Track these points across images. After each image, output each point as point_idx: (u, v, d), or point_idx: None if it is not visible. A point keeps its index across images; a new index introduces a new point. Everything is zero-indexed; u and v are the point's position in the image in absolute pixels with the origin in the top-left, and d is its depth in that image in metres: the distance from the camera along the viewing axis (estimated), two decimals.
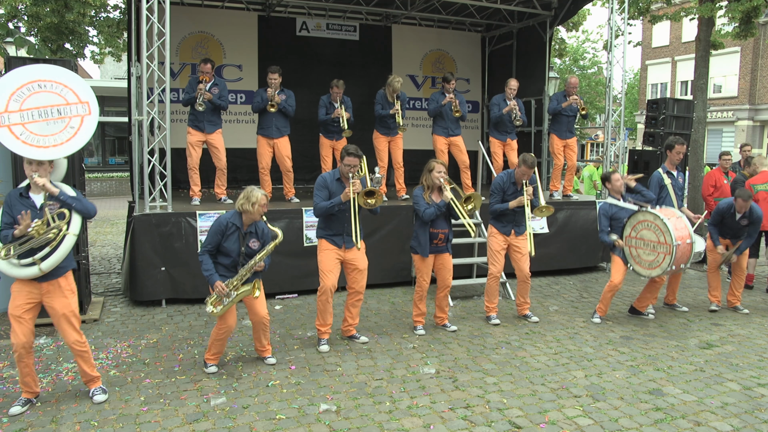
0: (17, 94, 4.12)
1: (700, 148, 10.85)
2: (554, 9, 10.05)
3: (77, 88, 4.33)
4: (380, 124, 8.02)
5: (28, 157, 4.03)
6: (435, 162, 5.56)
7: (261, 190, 4.62)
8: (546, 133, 10.41)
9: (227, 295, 4.49)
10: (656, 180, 6.55)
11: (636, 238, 5.94)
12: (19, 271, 3.92)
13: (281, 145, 7.68)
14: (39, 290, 4.01)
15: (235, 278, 4.52)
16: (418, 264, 5.63)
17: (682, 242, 5.69)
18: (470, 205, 5.46)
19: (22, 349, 3.95)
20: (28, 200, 4.00)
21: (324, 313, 5.26)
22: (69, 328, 4.07)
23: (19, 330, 3.93)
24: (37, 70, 4.25)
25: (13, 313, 3.94)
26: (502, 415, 4.02)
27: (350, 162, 5.09)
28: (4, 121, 4.00)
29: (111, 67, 33.02)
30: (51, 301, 4.02)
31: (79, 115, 4.30)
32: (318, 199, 5.10)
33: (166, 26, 6.52)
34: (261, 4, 10.24)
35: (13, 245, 3.90)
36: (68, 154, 4.29)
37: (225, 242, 4.53)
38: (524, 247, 6.02)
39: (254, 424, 3.85)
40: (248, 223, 4.60)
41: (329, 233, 5.20)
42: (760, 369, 4.90)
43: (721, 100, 27.36)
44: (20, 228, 3.86)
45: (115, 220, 14.45)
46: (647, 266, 5.89)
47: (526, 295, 6.21)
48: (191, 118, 7.34)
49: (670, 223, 5.66)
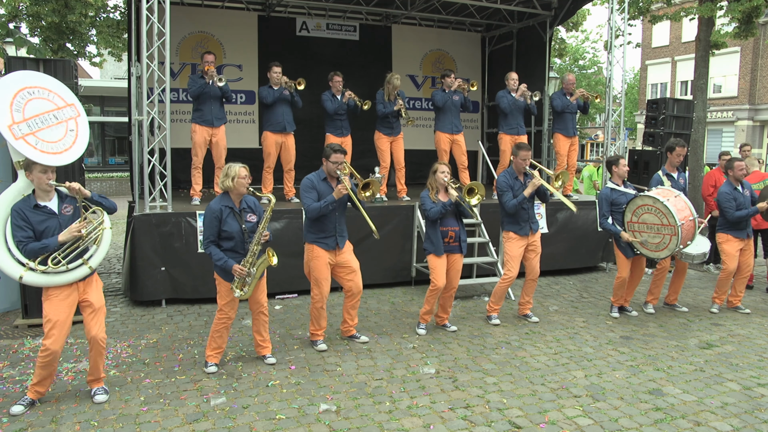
0: (15, 104, 4.09)
1: (700, 148, 10.86)
2: (554, 9, 10.05)
3: (60, 91, 4.36)
4: (382, 124, 8.01)
5: (52, 164, 4.02)
6: (439, 164, 5.62)
7: (239, 163, 4.61)
8: (546, 133, 10.41)
9: (248, 274, 4.51)
10: (656, 182, 6.55)
11: (638, 222, 5.94)
12: (63, 277, 3.96)
13: (290, 141, 7.68)
14: (77, 291, 4.07)
15: (248, 255, 4.54)
16: (432, 264, 5.60)
17: (686, 221, 5.73)
18: (475, 198, 5.48)
19: (56, 355, 4.00)
20: (45, 208, 3.99)
21: (319, 319, 5.28)
22: (103, 322, 4.16)
23: (61, 336, 3.96)
24: (21, 78, 4.22)
25: (57, 320, 3.94)
26: (502, 415, 4.02)
27: (337, 159, 5.08)
28: (17, 133, 3.98)
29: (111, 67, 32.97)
30: (89, 297, 4.11)
31: (72, 118, 4.33)
32: (308, 200, 5.05)
33: (166, 26, 6.52)
34: (261, 4, 10.24)
35: (57, 253, 3.92)
36: (79, 156, 4.35)
37: (224, 226, 4.54)
38: (539, 246, 6.03)
39: (254, 424, 3.85)
40: (237, 199, 4.62)
41: (321, 236, 5.13)
42: (760, 369, 4.90)
43: (721, 100, 27.35)
44: (64, 235, 3.91)
45: (115, 220, 14.45)
46: (654, 248, 5.91)
47: (531, 294, 6.21)
48: (197, 115, 7.29)
49: (670, 203, 5.68)
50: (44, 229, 3.92)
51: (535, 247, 6.01)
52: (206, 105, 7.23)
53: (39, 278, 3.92)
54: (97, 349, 4.15)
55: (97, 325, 4.12)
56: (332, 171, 5.12)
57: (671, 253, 5.87)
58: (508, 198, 5.83)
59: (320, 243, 5.13)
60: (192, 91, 7.21)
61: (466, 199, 5.47)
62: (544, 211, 8.16)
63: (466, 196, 5.48)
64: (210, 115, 7.26)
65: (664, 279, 6.55)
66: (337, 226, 5.16)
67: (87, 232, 4.03)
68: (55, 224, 3.96)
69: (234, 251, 4.57)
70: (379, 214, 7.43)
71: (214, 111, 7.28)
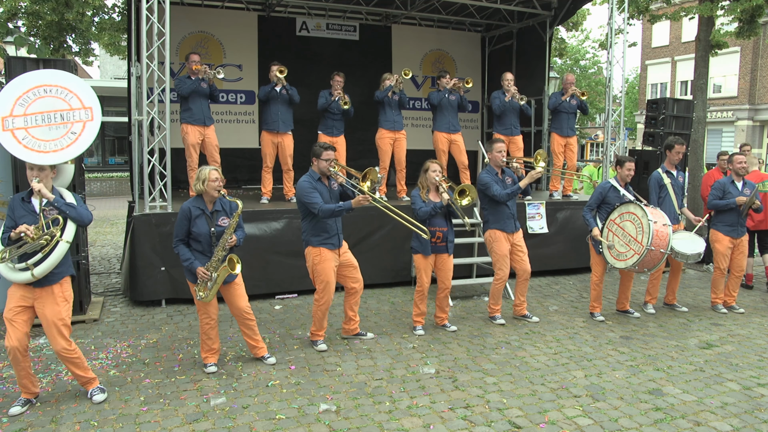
0: (23, 98, 4.13)
1: (700, 148, 10.85)
2: (554, 9, 10.05)
3: (82, 93, 4.34)
4: (384, 119, 8.01)
5: (27, 161, 4.04)
6: (431, 162, 5.57)
7: (210, 166, 4.62)
8: (546, 133, 10.42)
9: (210, 278, 4.51)
10: (655, 180, 6.55)
11: (618, 225, 5.92)
12: (15, 275, 3.92)
13: (287, 141, 7.68)
14: (32, 295, 3.99)
15: (212, 259, 4.54)
16: (419, 263, 5.62)
17: (656, 249, 5.64)
18: (466, 199, 5.47)
19: (17, 352, 3.92)
20: (29, 205, 4.01)
21: (322, 321, 5.28)
22: (57, 336, 4.01)
23: (12, 333, 3.91)
24: (43, 75, 4.26)
25: (6, 316, 3.94)
26: (502, 415, 4.02)
27: (329, 156, 5.07)
28: (7, 125, 4.00)
29: (111, 67, 33.04)
30: (42, 308, 3.99)
31: (81, 121, 4.30)
32: (317, 200, 4.99)
33: (166, 26, 6.52)
34: (261, 4, 10.24)
35: (10, 249, 3.90)
36: (66, 160, 4.28)
37: (193, 227, 4.55)
38: (524, 245, 6.03)
39: (254, 424, 3.85)
40: (211, 202, 4.62)
41: (326, 237, 5.10)
42: (760, 369, 4.90)
43: (721, 100, 27.35)
44: (15, 231, 3.85)
45: (115, 220, 14.45)
46: (615, 255, 5.90)
47: (525, 294, 6.20)
48: (187, 114, 7.26)
49: (654, 227, 5.59)
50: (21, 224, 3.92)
51: (520, 246, 6.00)
52: (196, 104, 7.23)
53: (3, 270, 3.93)
54: (62, 360, 4.11)
55: (53, 339, 4.01)
56: (325, 169, 5.10)
57: (624, 269, 5.87)
58: (497, 189, 5.81)
59: (326, 244, 5.11)
60: (183, 89, 7.19)
61: (457, 201, 5.46)
62: (544, 211, 8.17)
63: (457, 197, 5.47)
64: (201, 114, 7.27)
65: (660, 278, 6.56)
66: (337, 224, 5.19)
67: (33, 237, 3.86)
68: (30, 222, 3.94)
69: (202, 253, 4.59)
70: (379, 213, 7.38)
71: (204, 110, 7.30)
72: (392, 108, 7.96)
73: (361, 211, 7.37)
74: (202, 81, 7.21)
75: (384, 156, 8.04)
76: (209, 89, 7.29)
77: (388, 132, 8.01)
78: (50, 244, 3.93)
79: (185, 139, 7.32)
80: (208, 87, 7.26)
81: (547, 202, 8.28)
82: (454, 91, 8.09)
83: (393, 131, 8.02)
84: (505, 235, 5.93)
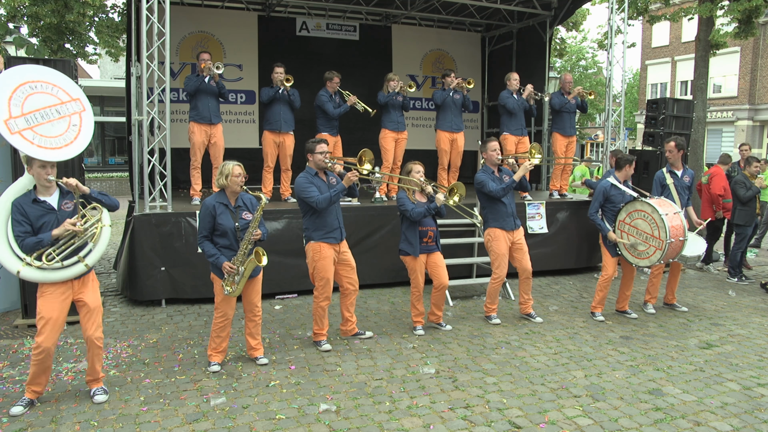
0: (14, 98, 4.04)
1: (700, 148, 10.86)
2: (554, 9, 10.06)
3: (65, 86, 4.28)
4: (388, 120, 8.04)
5: (49, 160, 3.98)
6: (413, 164, 5.58)
7: (233, 161, 4.65)
8: (546, 132, 10.41)
9: (237, 272, 4.53)
10: (658, 179, 6.57)
11: (630, 225, 5.94)
12: (58, 273, 3.93)
13: (288, 141, 7.68)
14: (72, 289, 4.04)
15: (239, 253, 4.57)
16: (410, 265, 5.63)
17: (675, 239, 5.71)
18: (456, 197, 5.50)
19: (50, 352, 3.97)
20: (45, 203, 3.97)
21: (323, 319, 5.29)
22: (99, 322, 4.13)
23: (51, 334, 3.94)
24: (24, 72, 4.16)
25: (50, 317, 3.93)
26: (501, 415, 4.02)
27: (323, 149, 5.12)
28: (13, 128, 3.94)
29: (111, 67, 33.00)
30: (84, 296, 4.08)
31: (76, 113, 4.28)
32: (313, 193, 5.04)
33: (166, 26, 6.52)
34: (261, 4, 10.24)
35: (52, 249, 3.91)
36: (81, 152, 4.32)
37: (218, 222, 4.57)
38: (524, 243, 6.03)
39: (254, 424, 3.85)
40: (233, 197, 4.65)
41: (327, 232, 5.15)
42: (760, 369, 4.90)
43: (721, 100, 27.35)
44: (61, 228, 3.89)
45: (115, 219, 14.42)
46: (636, 255, 5.92)
47: (529, 292, 6.19)
48: (194, 113, 7.27)
49: (667, 219, 5.67)
50: (42, 224, 3.92)
51: (521, 245, 6.01)
52: (202, 102, 7.22)
53: (35, 274, 3.91)
54: (93, 349, 4.14)
55: (93, 326, 4.10)
56: (321, 162, 5.14)
57: (650, 265, 5.90)
58: (493, 185, 5.82)
59: (328, 238, 5.16)
60: (188, 87, 7.23)
61: (449, 200, 5.49)
62: (544, 211, 8.17)
63: (451, 199, 5.50)
64: (207, 111, 7.25)
65: (660, 278, 6.56)
66: (338, 217, 5.23)
67: (84, 228, 3.99)
68: (53, 219, 3.95)
69: (228, 248, 4.61)
70: (379, 213, 7.43)
71: (211, 108, 7.28)
72: (396, 109, 8.03)
73: (361, 211, 7.40)
74: (206, 79, 7.20)
75: (387, 155, 8.08)
76: (217, 87, 7.27)
77: (391, 132, 8.07)
78: (98, 232, 4.05)
79: (191, 138, 7.32)
80: (215, 85, 7.24)
81: (547, 202, 8.29)
82: (458, 90, 8.11)
83: (396, 132, 8.09)
84: (505, 234, 5.92)
